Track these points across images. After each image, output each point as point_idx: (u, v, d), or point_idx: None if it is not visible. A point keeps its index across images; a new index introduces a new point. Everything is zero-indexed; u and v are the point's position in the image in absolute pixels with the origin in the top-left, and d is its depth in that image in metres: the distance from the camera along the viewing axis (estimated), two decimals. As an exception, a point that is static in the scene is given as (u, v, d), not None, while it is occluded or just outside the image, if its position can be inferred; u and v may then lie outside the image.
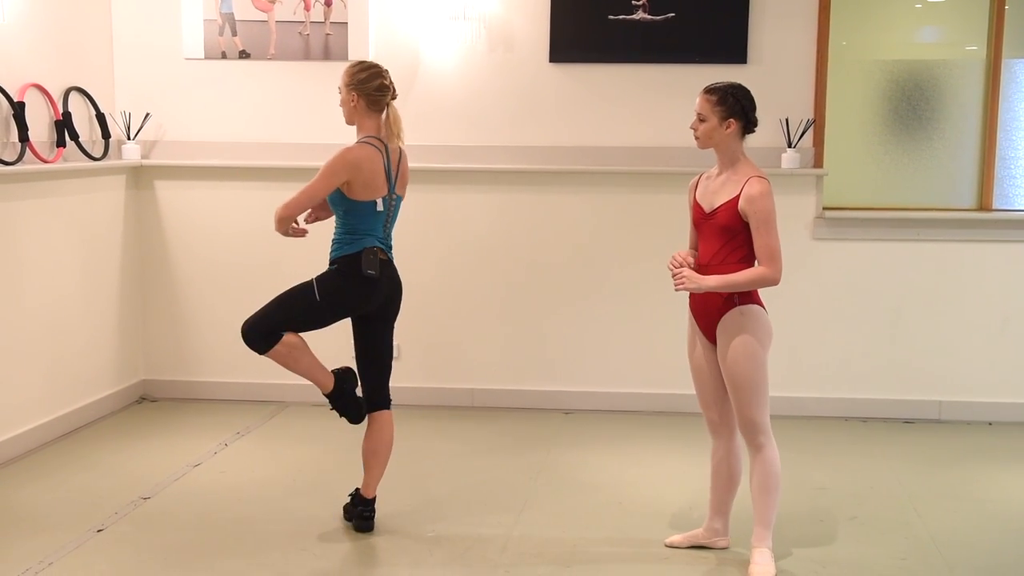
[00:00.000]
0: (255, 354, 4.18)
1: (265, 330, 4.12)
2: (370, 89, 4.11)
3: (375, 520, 4.27)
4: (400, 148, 4.21)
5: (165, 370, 6.25)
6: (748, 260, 3.78)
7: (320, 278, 4.12)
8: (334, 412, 4.34)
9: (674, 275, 3.73)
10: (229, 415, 5.88)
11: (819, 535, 4.24)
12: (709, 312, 3.82)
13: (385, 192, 4.12)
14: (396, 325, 4.39)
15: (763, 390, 3.78)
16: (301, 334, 4.18)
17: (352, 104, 4.14)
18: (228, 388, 6.18)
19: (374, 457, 4.24)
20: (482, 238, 6.01)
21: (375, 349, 4.24)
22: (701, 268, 3.80)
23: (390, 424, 4.26)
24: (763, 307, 3.82)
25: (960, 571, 3.91)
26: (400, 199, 4.24)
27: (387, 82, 4.15)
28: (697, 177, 3.97)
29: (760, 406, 3.78)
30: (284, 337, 4.13)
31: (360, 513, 4.26)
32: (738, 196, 3.72)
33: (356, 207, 4.08)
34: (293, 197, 4.06)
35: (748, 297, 3.78)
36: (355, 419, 4.31)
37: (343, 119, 4.22)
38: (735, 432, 3.95)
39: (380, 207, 4.11)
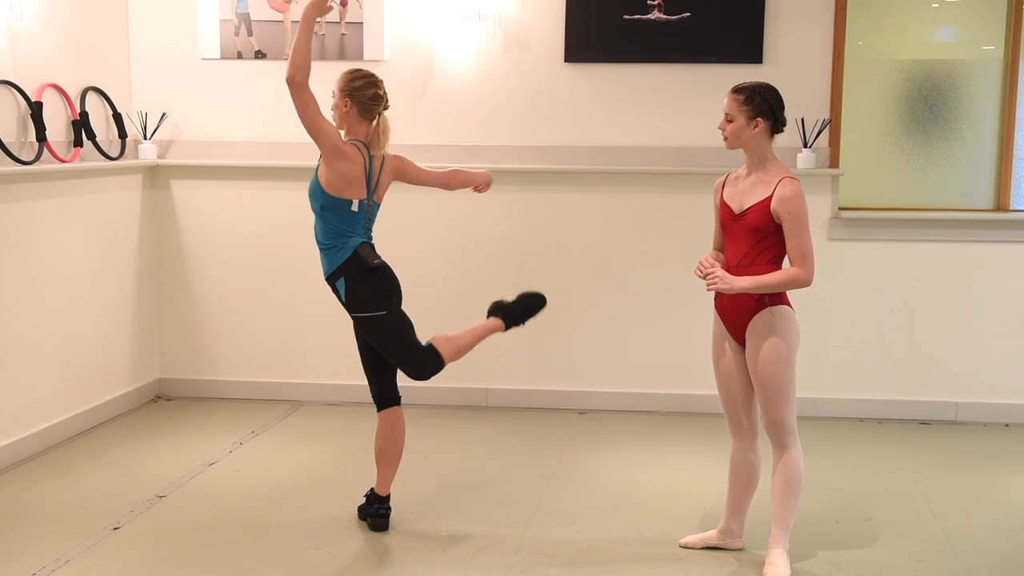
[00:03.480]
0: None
1: (420, 355, 4.21)
2: (364, 97, 4.17)
3: (390, 519, 4.27)
4: (384, 156, 4.23)
5: (180, 369, 6.27)
6: (777, 262, 3.77)
7: (367, 304, 4.12)
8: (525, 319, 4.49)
9: (706, 275, 3.70)
10: (244, 414, 5.89)
11: (834, 536, 4.23)
12: (739, 313, 3.80)
13: (363, 196, 4.14)
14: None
15: (792, 391, 3.78)
16: (419, 336, 4.25)
17: (344, 110, 4.19)
18: (243, 387, 6.20)
19: (385, 455, 4.25)
20: (496, 238, 6.01)
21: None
22: (730, 269, 3.79)
23: (401, 421, 4.27)
24: (792, 308, 3.81)
25: (976, 574, 3.89)
26: (377, 206, 4.25)
27: (381, 92, 4.20)
28: (723, 177, 3.95)
29: (788, 407, 3.78)
30: (433, 344, 4.24)
31: (375, 511, 4.27)
32: (770, 197, 3.71)
33: (333, 204, 4.10)
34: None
35: (778, 298, 3.77)
36: (540, 303, 4.51)
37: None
38: (758, 434, 3.94)
39: (355, 208, 4.13)
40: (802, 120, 5.70)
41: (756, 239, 3.75)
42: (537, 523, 4.34)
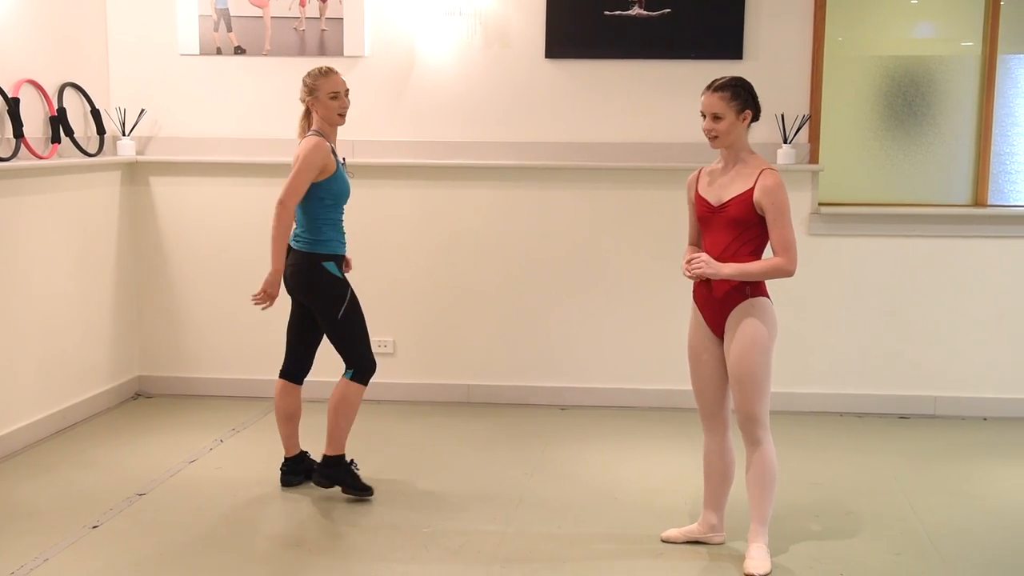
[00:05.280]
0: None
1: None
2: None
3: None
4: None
5: (160, 366, 6.24)
6: (758, 254, 3.78)
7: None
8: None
9: (690, 260, 3.70)
10: (224, 411, 5.87)
11: (815, 530, 4.25)
12: (719, 304, 3.80)
13: None
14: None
15: (767, 384, 3.79)
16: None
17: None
18: (223, 384, 6.17)
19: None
20: (478, 234, 6.00)
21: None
22: None
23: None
24: (771, 300, 3.82)
25: (955, 566, 3.92)
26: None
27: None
28: (697, 172, 3.95)
29: (763, 400, 3.79)
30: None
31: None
32: (752, 188, 3.72)
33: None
34: None
35: (759, 289, 3.78)
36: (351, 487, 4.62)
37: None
38: (729, 427, 3.95)
39: None
40: (782, 116, 5.72)
41: (737, 231, 3.76)
42: (519, 519, 4.34)
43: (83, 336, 5.72)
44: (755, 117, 3.82)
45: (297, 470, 4.69)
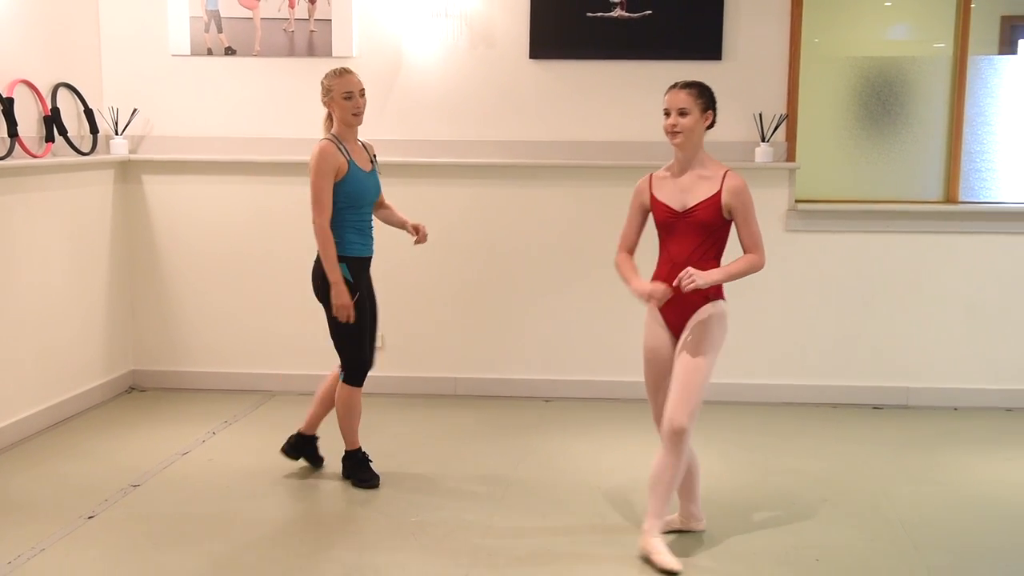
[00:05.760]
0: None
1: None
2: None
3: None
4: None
5: (154, 360, 6.24)
6: (719, 256, 3.79)
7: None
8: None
9: (680, 277, 3.60)
10: (217, 404, 5.87)
11: (790, 517, 4.28)
12: (681, 306, 3.77)
13: None
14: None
15: (707, 386, 3.75)
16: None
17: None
18: (216, 378, 6.18)
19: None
20: (464, 230, 6.02)
21: None
22: (677, 266, 3.74)
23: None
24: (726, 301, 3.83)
25: (926, 551, 3.96)
26: None
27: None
28: (647, 178, 3.89)
29: (700, 401, 3.73)
30: None
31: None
32: (719, 192, 3.72)
33: None
34: None
35: (719, 293, 3.79)
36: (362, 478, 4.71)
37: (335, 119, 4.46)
38: None
39: None
40: (760, 115, 5.75)
41: (704, 235, 3.75)
42: (504, 508, 4.36)
43: (78, 331, 5.71)
44: (712, 123, 3.79)
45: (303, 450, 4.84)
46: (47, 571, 3.73)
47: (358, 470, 4.63)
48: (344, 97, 4.43)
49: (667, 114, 3.77)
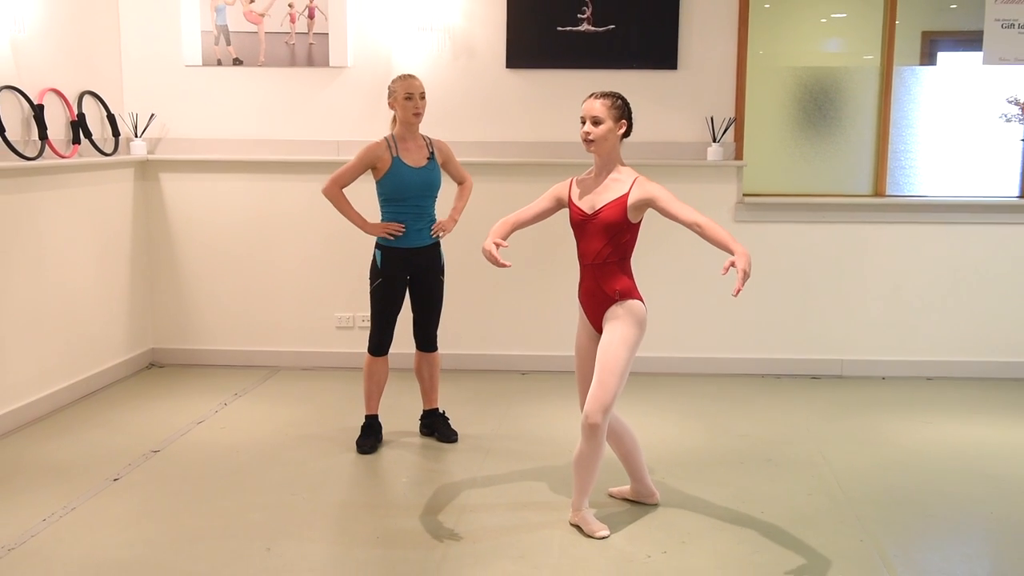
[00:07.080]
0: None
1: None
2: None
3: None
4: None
5: (171, 339, 6.21)
6: (625, 261, 3.60)
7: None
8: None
9: (734, 267, 3.36)
10: (228, 378, 5.86)
11: (740, 475, 4.32)
12: (599, 302, 3.62)
13: None
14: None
15: (622, 381, 3.53)
16: None
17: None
18: (227, 355, 6.15)
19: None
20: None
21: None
22: (586, 267, 3.62)
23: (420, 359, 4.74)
24: (643, 301, 3.63)
25: (857, 502, 4.00)
26: None
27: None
28: (570, 181, 3.73)
29: (614, 396, 3.51)
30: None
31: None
32: (626, 194, 3.51)
33: None
34: None
35: (631, 293, 3.59)
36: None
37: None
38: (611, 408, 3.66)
39: None
40: (711, 118, 5.76)
41: (608, 237, 3.55)
42: (486, 469, 4.37)
43: (102, 314, 5.68)
44: (627, 133, 3.60)
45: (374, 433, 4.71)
46: (78, 527, 3.72)
47: (361, 433, 4.63)
48: (405, 98, 4.45)
49: (583, 122, 3.58)
